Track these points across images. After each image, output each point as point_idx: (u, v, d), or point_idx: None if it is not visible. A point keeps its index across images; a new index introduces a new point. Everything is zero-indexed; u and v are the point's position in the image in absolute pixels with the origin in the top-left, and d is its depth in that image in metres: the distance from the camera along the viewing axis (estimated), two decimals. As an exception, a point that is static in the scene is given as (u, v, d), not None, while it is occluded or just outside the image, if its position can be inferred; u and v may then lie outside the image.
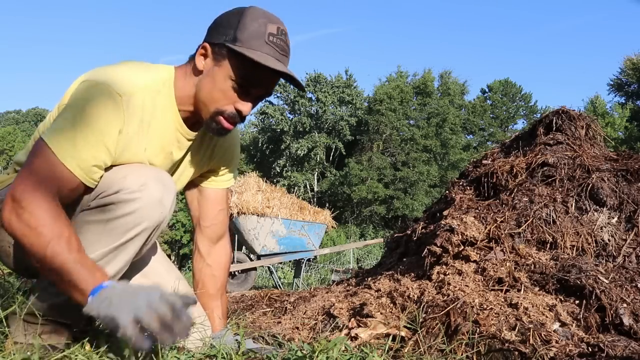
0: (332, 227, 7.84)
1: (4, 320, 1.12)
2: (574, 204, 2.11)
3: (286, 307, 2.35)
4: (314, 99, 34.50)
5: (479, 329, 1.47)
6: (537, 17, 67.52)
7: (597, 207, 2.08)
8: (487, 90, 39.76)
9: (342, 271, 7.94)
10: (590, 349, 1.37)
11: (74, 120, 1.08)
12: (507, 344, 1.39)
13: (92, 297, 1.00)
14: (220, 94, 1.21)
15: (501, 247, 1.97)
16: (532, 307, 1.56)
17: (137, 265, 1.39)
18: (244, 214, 6.57)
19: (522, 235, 2.03)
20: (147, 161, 1.25)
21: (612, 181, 2.15)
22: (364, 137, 32.98)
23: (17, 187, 1.05)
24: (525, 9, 68.36)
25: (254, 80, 1.20)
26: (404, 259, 2.47)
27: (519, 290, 1.70)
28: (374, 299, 1.86)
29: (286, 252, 6.98)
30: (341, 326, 1.77)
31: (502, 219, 2.11)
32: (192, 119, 1.30)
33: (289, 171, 33.55)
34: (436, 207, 2.77)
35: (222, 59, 1.19)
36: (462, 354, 1.40)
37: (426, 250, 2.09)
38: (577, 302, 1.62)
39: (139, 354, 0.99)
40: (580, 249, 1.93)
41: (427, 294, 1.78)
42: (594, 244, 1.94)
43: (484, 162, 2.80)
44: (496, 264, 1.87)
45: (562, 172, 2.29)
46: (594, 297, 1.57)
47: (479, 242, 2.01)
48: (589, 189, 2.13)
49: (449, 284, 1.79)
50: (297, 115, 34.26)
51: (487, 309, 1.58)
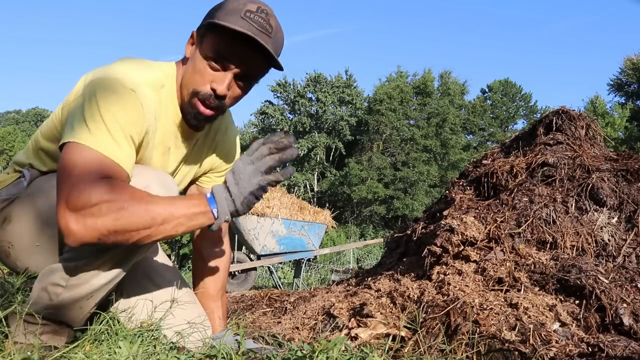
0: (332, 227, 7.83)
1: (3, 320, 1.11)
2: (574, 204, 2.11)
3: (286, 307, 2.35)
4: (313, 99, 34.49)
5: (479, 329, 1.47)
6: (537, 17, 67.53)
7: (597, 207, 2.08)
8: (487, 90, 39.76)
9: (342, 271, 7.94)
10: (590, 349, 1.37)
11: (101, 116, 1.06)
12: (507, 344, 1.38)
13: (217, 205, 1.08)
14: (198, 76, 1.19)
15: (501, 247, 1.97)
16: (532, 307, 1.56)
17: (140, 267, 1.39)
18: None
19: (522, 235, 2.03)
20: (149, 156, 1.25)
21: (612, 181, 2.15)
22: (364, 137, 32.97)
23: (74, 196, 0.97)
24: (525, 9, 68.36)
25: (228, 53, 1.17)
26: (404, 259, 2.47)
27: (519, 290, 1.70)
28: (374, 299, 1.86)
29: (286, 252, 6.98)
30: (341, 326, 1.76)
31: (502, 219, 2.11)
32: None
33: (289, 171, 33.52)
34: (436, 207, 2.77)
35: (201, 39, 1.19)
36: (462, 354, 1.40)
37: (426, 250, 2.09)
38: (577, 302, 1.62)
39: None
40: (580, 249, 1.93)
41: (427, 294, 1.78)
42: (594, 244, 1.94)
43: (484, 162, 2.80)
44: (496, 264, 1.86)
45: (562, 172, 2.29)
46: (594, 297, 1.57)
47: (479, 242, 2.01)
48: (589, 189, 2.13)
49: (449, 284, 1.79)
50: (297, 115, 34.26)
51: (487, 309, 1.58)
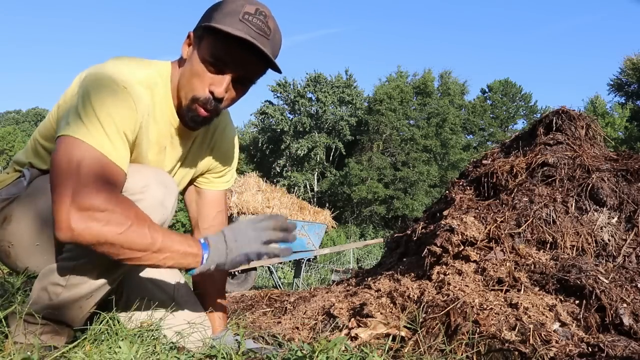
0: (332, 227, 7.84)
1: (3, 320, 1.11)
2: (574, 204, 2.11)
3: (286, 307, 2.35)
4: (314, 99, 34.49)
5: (479, 329, 1.47)
6: (537, 17, 67.53)
7: (597, 207, 2.08)
8: (487, 90, 39.77)
9: (342, 271, 7.94)
10: (590, 349, 1.36)
11: (95, 113, 1.06)
12: (507, 344, 1.38)
13: (209, 252, 1.13)
14: (196, 79, 1.18)
15: (501, 247, 1.97)
16: (532, 307, 1.56)
17: (140, 267, 1.39)
18: (244, 213, 6.57)
19: (522, 235, 2.03)
20: (145, 155, 1.25)
21: (612, 181, 2.15)
22: (364, 137, 32.97)
23: (81, 194, 0.98)
24: (525, 9, 68.36)
25: (226, 57, 1.16)
26: (404, 259, 2.47)
27: (519, 290, 1.70)
28: (374, 299, 1.86)
29: (286, 252, 6.97)
30: (341, 326, 1.76)
31: (502, 219, 2.11)
32: (183, 112, 1.28)
33: (289, 171, 33.55)
34: (436, 207, 2.77)
35: (199, 41, 1.18)
36: (462, 354, 1.40)
37: (426, 250, 2.09)
38: (577, 302, 1.62)
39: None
40: (580, 249, 1.93)
41: (427, 294, 1.78)
42: (594, 244, 1.94)
43: (484, 162, 2.80)
44: (496, 264, 1.86)
45: (562, 172, 2.29)
46: (594, 297, 1.57)
47: (479, 242, 2.01)
48: (589, 189, 2.13)
49: (449, 284, 1.79)
50: (297, 115, 34.26)
51: (487, 309, 1.58)
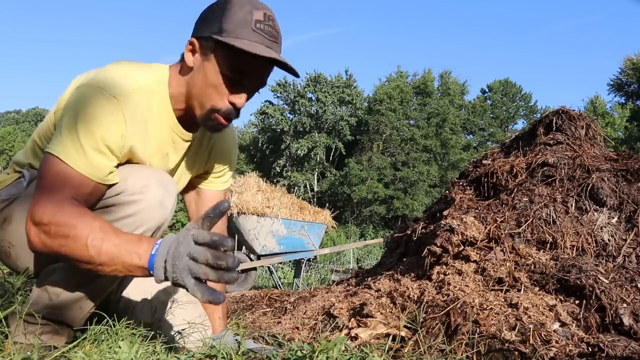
0: (332, 227, 7.83)
1: (3, 320, 1.11)
2: (574, 204, 2.11)
3: (286, 307, 2.35)
4: (314, 99, 34.50)
5: (479, 329, 1.47)
6: (537, 17, 67.56)
7: (597, 207, 2.08)
8: (487, 90, 39.76)
9: (342, 271, 7.94)
10: (590, 349, 1.37)
11: (77, 128, 1.07)
12: (507, 344, 1.38)
13: (154, 270, 1.01)
14: (212, 90, 1.18)
15: (501, 247, 1.97)
16: (532, 307, 1.56)
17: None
18: (244, 214, 6.56)
19: (522, 235, 2.03)
20: (147, 163, 1.25)
21: (612, 181, 2.15)
22: (364, 137, 32.97)
23: (34, 209, 1.03)
24: (525, 9, 68.39)
25: (246, 70, 1.17)
26: (404, 259, 2.47)
27: (519, 290, 1.70)
28: (374, 299, 1.86)
29: (286, 252, 6.97)
30: (341, 326, 1.76)
31: (502, 219, 2.11)
32: (187, 118, 1.28)
33: (289, 171, 33.56)
34: (436, 207, 2.77)
35: (210, 52, 1.16)
36: (462, 354, 1.40)
37: (426, 250, 2.09)
38: (577, 302, 1.62)
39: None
40: (580, 249, 1.93)
41: (427, 294, 1.78)
42: (594, 244, 1.94)
43: (484, 162, 2.80)
44: (496, 264, 1.86)
45: (562, 172, 2.29)
46: (594, 297, 1.57)
47: (479, 242, 2.00)
48: (589, 189, 2.13)
49: (449, 284, 1.79)
50: (297, 115, 34.26)
51: (487, 309, 1.58)
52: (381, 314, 1.74)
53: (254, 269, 6.70)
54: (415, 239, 2.49)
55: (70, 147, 1.06)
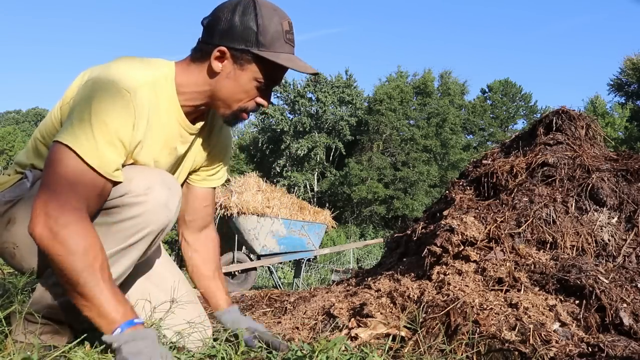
0: (332, 227, 7.83)
1: (3, 320, 1.12)
2: (574, 204, 2.11)
3: (286, 307, 2.35)
4: (314, 99, 34.49)
5: (479, 329, 1.47)
6: (537, 17, 67.57)
7: (597, 207, 2.08)
8: (487, 90, 39.75)
9: (342, 271, 7.94)
10: (590, 349, 1.37)
11: (90, 120, 1.07)
12: (507, 344, 1.38)
13: (119, 332, 1.02)
14: (244, 94, 1.26)
15: (501, 247, 1.97)
16: (532, 307, 1.56)
17: (141, 268, 1.39)
18: (244, 214, 6.56)
19: (522, 235, 2.03)
20: (154, 157, 1.25)
21: (612, 181, 2.15)
22: (364, 137, 32.96)
23: (49, 199, 1.03)
24: (525, 9, 68.40)
25: (278, 79, 1.29)
26: (404, 259, 2.47)
27: (519, 290, 1.70)
28: (374, 299, 1.86)
29: (286, 252, 6.97)
30: (341, 326, 1.76)
31: (502, 219, 2.11)
32: (195, 114, 1.32)
33: (289, 171, 33.54)
34: (436, 207, 2.77)
35: (247, 63, 1.22)
36: (462, 354, 1.40)
37: (426, 250, 2.09)
38: (577, 302, 1.62)
39: None
40: (580, 249, 1.93)
41: (427, 294, 1.78)
42: (594, 244, 1.94)
43: (484, 162, 2.80)
44: (496, 264, 1.86)
45: (562, 172, 2.29)
46: (594, 297, 1.57)
47: (479, 242, 2.01)
48: (589, 189, 2.13)
49: (449, 284, 1.79)
50: (297, 115, 34.24)
51: (487, 309, 1.58)
52: (381, 314, 1.74)
53: (254, 269, 6.70)
54: (415, 239, 2.49)
55: (82, 138, 1.06)
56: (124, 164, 1.16)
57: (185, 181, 1.52)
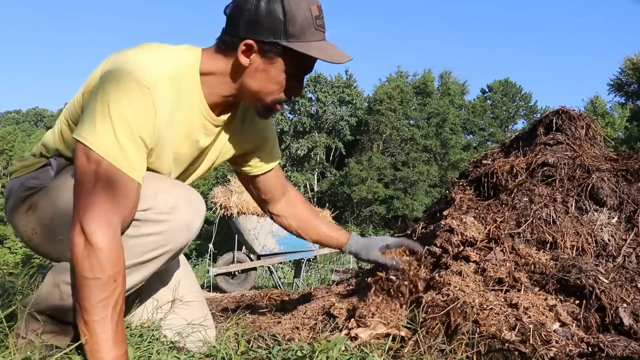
0: (332, 227, 7.82)
1: (3, 320, 1.12)
2: (574, 204, 2.11)
3: (286, 307, 2.35)
4: (314, 98, 34.49)
5: (479, 329, 1.47)
6: (537, 17, 67.56)
7: (597, 207, 2.09)
8: (487, 90, 39.76)
9: (342, 271, 7.93)
10: (590, 349, 1.37)
11: (111, 116, 1.04)
12: (507, 344, 1.39)
13: None
14: (276, 87, 1.21)
15: (501, 247, 1.97)
16: (532, 307, 1.56)
17: (161, 276, 1.37)
18: (244, 214, 6.57)
19: (522, 235, 2.03)
20: (173, 150, 1.23)
21: (612, 181, 2.15)
22: (364, 137, 32.95)
23: (87, 213, 1.01)
24: (525, 10, 68.38)
25: (310, 68, 1.24)
26: (404, 259, 2.47)
27: (519, 290, 1.70)
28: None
29: (286, 252, 6.97)
30: (341, 326, 1.77)
31: (502, 219, 2.11)
32: (222, 106, 1.28)
33: (289, 171, 33.54)
34: (436, 207, 2.77)
35: (277, 56, 1.17)
36: (462, 354, 1.40)
37: (426, 250, 2.09)
38: (577, 302, 1.62)
39: None
40: (580, 249, 1.93)
41: (427, 294, 1.78)
42: (594, 244, 1.94)
43: (484, 162, 2.80)
44: (496, 264, 1.87)
45: (562, 172, 2.29)
46: (594, 297, 1.58)
47: (478, 243, 2.01)
48: (589, 189, 2.13)
49: (449, 284, 1.79)
50: (297, 115, 34.25)
51: (487, 309, 1.58)
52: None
53: (254, 269, 6.70)
54: (415, 239, 2.49)
55: (111, 146, 1.04)
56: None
57: (239, 172, 1.56)
